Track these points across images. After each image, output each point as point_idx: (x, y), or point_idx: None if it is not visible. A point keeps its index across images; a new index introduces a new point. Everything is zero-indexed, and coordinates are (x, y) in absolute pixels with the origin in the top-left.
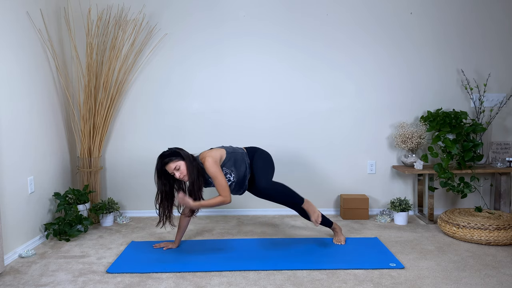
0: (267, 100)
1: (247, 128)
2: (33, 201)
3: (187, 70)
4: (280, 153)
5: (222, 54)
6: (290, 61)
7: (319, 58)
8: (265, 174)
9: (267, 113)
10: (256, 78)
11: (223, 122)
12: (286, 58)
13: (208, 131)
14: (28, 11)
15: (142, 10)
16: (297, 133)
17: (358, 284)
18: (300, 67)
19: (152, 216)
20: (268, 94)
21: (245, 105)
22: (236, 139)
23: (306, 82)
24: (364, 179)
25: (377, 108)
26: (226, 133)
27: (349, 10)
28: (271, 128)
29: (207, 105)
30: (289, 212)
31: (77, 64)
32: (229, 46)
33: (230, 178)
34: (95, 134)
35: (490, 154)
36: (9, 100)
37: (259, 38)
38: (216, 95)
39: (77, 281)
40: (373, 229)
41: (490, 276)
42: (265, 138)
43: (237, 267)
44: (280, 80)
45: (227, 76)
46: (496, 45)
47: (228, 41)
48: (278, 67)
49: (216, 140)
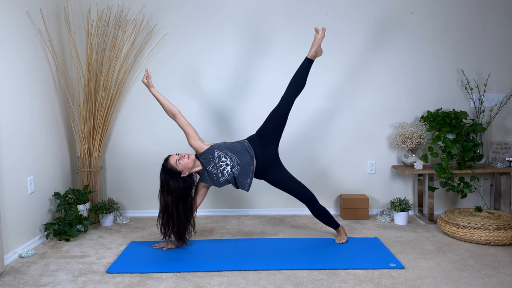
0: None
1: (247, 128)
2: (33, 201)
3: (187, 70)
4: (279, 153)
5: (223, 54)
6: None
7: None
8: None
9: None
10: (256, 78)
11: (223, 122)
12: (286, 57)
13: (209, 130)
14: (28, 11)
15: (142, 10)
16: (297, 133)
17: (358, 284)
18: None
19: (152, 216)
20: (268, 94)
21: (245, 105)
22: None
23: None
24: (364, 179)
25: (377, 108)
26: (226, 133)
27: (349, 10)
28: None
29: (208, 104)
30: (289, 212)
31: (77, 64)
32: (230, 45)
33: (226, 161)
34: (95, 134)
35: (490, 154)
36: (9, 100)
37: (260, 37)
38: (216, 95)
39: (77, 281)
40: (373, 229)
41: (490, 276)
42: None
43: (237, 267)
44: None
45: (227, 75)
46: (496, 45)
47: (229, 40)
48: (278, 66)
49: (216, 140)
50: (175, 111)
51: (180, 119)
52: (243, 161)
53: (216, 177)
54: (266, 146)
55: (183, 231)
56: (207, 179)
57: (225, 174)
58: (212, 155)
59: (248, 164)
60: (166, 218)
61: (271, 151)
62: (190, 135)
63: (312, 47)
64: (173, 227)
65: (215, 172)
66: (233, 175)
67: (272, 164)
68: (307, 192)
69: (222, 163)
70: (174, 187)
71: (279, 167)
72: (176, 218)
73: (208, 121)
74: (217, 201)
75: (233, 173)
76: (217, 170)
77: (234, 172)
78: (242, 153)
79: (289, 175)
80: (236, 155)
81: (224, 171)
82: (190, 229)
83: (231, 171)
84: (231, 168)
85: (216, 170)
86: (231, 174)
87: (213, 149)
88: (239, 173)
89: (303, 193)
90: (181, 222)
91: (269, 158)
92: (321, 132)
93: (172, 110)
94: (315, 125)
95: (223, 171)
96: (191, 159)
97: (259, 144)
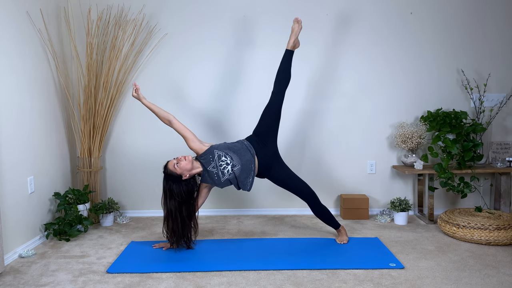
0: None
1: (247, 128)
2: (33, 201)
3: (187, 70)
4: (280, 153)
5: (223, 54)
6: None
7: (319, 58)
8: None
9: None
10: (256, 77)
11: (223, 122)
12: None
13: (209, 130)
14: (28, 11)
15: (142, 10)
16: (296, 132)
17: (358, 284)
18: (299, 67)
19: (152, 216)
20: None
21: (245, 105)
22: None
23: (305, 82)
24: (364, 179)
25: (377, 108)
26: (226, 133)
27: (349, 10)
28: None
29: (208, 104)
30: (289, 212)
31: (77, 64)
32: (230, 45)
33: (226, 160)
34: (95, 134)
35: (490, 154)
36: (9, 100)
37: (260, 37)
38: (216, 95)
39: (77, 281)
40: (373, 229)
41: (490, 276)
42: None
43: (237, 267)
44: None
45: (228, 75)
46: (496, 45)
47: (229, 40)
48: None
49: (216, 139)
50: (169, 117)
51: (176, 124)
52: (244, 160)
53: (217, 177)
54: (265, 143)
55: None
56: (208, 180)
57: (225, 173)
58: (212, 155)
59: (249, 163)
60: (171, 224)
61: (271, 148)
62: (189, 138)
63: (291, 38)
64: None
65: (215, 172)
66: (234, 174)
67: (274, 162)
68: (308, 190)
69: (222, 163)
70: (177, 192)
71: (280, 165)
72: (181, 223)
73: (209, 120)
74: (217, 201)
75: (234, 173)
76: (217, 170)
77: (235, 171)
78: (242, 152)
79: (291, 172)
80: (236, 154)
81: (224, 170)
82: (192, 232)
83: (231, 170)
84: (232, 168)
85: (216, 170)
86: (232, 174)
87: (212, 149)
88: (240, 172)
89: (305, 190)
90: (185, 226)
91: (270, 155)
92: (321, 132)
93: (167, 117)
94: (315, 125)
95: (224, 171)
96: (188, 160)
97: (259, 142)
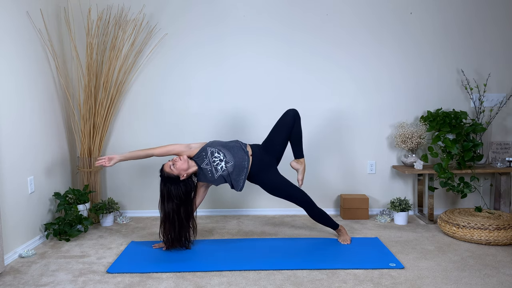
0: (267, 99)
1: (247, 127)
2: (33, 201)
3: (187, 70)
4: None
5: (223, 54)
6: (290, 61)
7: (319, 58)
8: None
9: (267, 112)
10: (256, 77)
11: (223, 122)
12: (286, 57)
13: (209, 130)
14: (28, 11)
15: (142, 10)
16: None
17: (358, 284)
18: (300, 67)
19: (152, 216)
20: (267, 94)
21: (245, 105)
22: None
23: (306, 82)
24: (364, 179)
25: (377, 108)
26: (226, 133)
27: (349, 10)
28: (270, 127)
29: (208, 104)
30: (289, 212)
31: (77, 64)
32: (230, 46)
33: (220, 157)
34: (95, 134)
35: (490, 154)
36: (9, 100)
37: (260, 37)
38: (216, 95)
39: (77, 281)
40: (373, 229)
41: (490, 276)
42: (265, 137)
43: (237, 267)
44: (280, 79)
45: (228, 75)
46: (496, 45)
47: (229, 40)
48: (278, 66)
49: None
50: (148, 152)
51: (160, 152)
52: (237, 157)
53: (211, 173)
54: (267, 152)
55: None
56: (203, 178)
57: (219, 169)
58: (205, 152)
59: (241, 160)
60: (168, 226)
61: (270, 159)
62: (179, 151)
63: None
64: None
65: (209, 169)
66: (228, 171)
67: (267, 167)
68: (301, 194)
69: (215, 159)
70: (176, 193)
71: (273, 171)
72: (178, 225)
73: (209, 120)
74: (217, 201)
75: (227, 169)
76: (211, 166)
77: (228, 167)
78: (236, 149)
79: (283, 178)
80: (229, 151)
81: (218, 166)
82: (191, 233)
83: (225, 166)
84: (225, 164)
85: (210, 166)
86: (226, 170)
87: (206, 147)
88: (233, 169)
89: (298, 195)
90: (183, 228)
91: (266, 162)
92: (321, 132)
93: (147, 154)
94: (315, 125)
95: (217, 167)
96: (183, 160)
97: (261, 148)
